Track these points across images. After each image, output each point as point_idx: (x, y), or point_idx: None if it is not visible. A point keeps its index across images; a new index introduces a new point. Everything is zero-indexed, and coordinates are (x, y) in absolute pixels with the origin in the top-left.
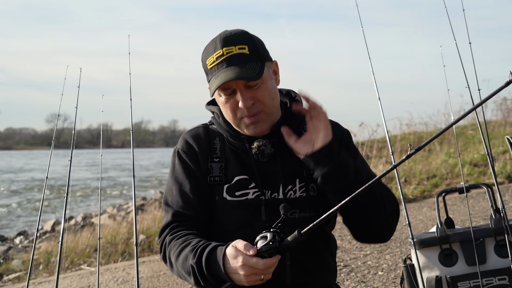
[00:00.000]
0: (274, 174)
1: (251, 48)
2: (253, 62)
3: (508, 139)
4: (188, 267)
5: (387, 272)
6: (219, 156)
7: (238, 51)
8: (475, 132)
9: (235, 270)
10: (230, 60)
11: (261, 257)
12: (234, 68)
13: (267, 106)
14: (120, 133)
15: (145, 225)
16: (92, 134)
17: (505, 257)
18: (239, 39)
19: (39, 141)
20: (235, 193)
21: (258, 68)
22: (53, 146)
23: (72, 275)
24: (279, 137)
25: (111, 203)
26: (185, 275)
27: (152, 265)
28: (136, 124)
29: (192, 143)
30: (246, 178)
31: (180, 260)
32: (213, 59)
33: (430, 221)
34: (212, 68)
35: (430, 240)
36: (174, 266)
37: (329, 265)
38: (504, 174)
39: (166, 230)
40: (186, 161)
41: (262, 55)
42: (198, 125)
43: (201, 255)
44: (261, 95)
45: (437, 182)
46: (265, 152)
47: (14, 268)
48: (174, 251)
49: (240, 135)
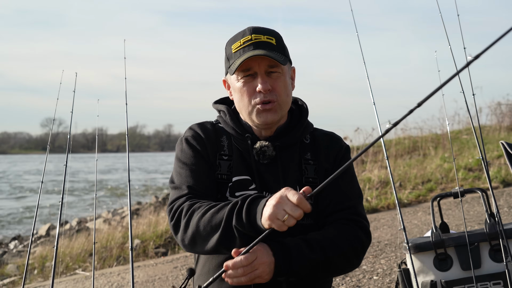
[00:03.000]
0: (274, 178)
1: (278, 42)
2: (279, 52)
3: (503, 143)
4: (221, 216)
5: (382, 276)
6: (227, 154)
7: (266, 40)
8: (469, 137)
9: (273, 202)
10: (257, 44)
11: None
12: (261, 50)
13: (281, 97)
14: (115, 138)
15: (140, 229)
16: (87, 139)
17: (499, 262)
18: (268, 32)
19: (34, 146)
20: (235, 193)
21: (283, 58)
22: (48, 150)
23: (67, 280)
24: (283, 142)
25: (107, 207)
26: (209, 231)
27: (147, 270)
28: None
29: (201, 133)
30: (247, 178)
31: (208, 214)
32: (240, 43)
33: (425, 225)
34: (236, 52)
35: (425, 244)
36: (193, 226)
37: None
38: (498, 179)
39: (181, 199)
40: (195, 146)
41: (286, 52)
42: (204, 121)
43: (244, 200)
44: (278, 85)
45: (432, 187)
46: (267, 153)
47: (9, 272)
48: (199, 211)
49: (245, 133)
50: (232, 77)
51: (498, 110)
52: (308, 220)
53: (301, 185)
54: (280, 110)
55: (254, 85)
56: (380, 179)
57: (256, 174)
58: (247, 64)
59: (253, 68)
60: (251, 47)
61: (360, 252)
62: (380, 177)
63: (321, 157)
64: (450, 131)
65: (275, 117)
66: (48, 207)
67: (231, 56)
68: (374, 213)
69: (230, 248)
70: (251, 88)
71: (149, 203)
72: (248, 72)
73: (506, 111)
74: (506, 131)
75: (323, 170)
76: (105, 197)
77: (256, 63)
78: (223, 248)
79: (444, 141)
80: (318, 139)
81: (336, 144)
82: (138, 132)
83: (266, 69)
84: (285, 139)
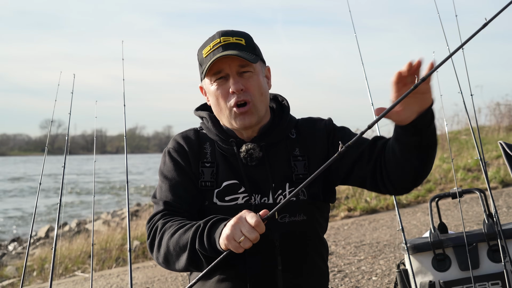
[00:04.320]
0: (264, 179)
1: (248, 42)
2: (249, 52)
3: (501, 144)
4: (187, 238)
5: (381, 277)
6: (210, 161)
7: (235, 41)
8: (468, 137)
9: (231, 223)
10: (226, 46)
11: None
12: (230, 50)
13: (255, 97)
14: (114, 139)
15: (139, 231)
16: (86, 140)
17: (498, 262)
18: (237, 33)
19: (33, 147)
20: (225, 198)
21: (254, 56)
22: (47, 152)
23: (66, 282)
24: (267, 141)
25: (106, 209)
26: (178, 252)
27: (146, 271)
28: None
29: (183, 144)
30: (235, 182)
31: (176, 235)
32: (210, 47)
33: (424, 226)
34: (207, 56)
35: (423, 245)
36: (164, 246)
37: (321, 269)
38: (497, 179)
39: (157, 216)
40: (177, 159)
41: (257, 51)
42: (188, 128)
43: (207, 222)
44: (251, 85)
45: (431, 187)
46: (254, 155)
47: (8, 274)
48: (170, 231)
49: (229, 138)
50: (206, 82)
51: (497, 111)
52: (301, 216)
53: (291, 183)
54: (256, 111)
55: (227, 87)
56: None
57: (245, 177)
58: (218, 66)
59: (224, 70)
60: (220, 49)
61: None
62: None
63: (310, 149)
64: (449, 131)
65: (252, 119)
66: (47, 208)
67: (203, 61)
68: (373, 213)
69: (199, 269)
70: (224, 91)
71: (148, 204)
72: (220, 74)
73: (505, 112)
74: (505, 131)
75: (316, 163)
76: (104, 196)
77: (227, 64)
78: (193, 268)
79: (443, 142)
80: (302, 130)
81: (319, 124)
82: (137, 134)
83: (237, 70)
84: (269, 138)
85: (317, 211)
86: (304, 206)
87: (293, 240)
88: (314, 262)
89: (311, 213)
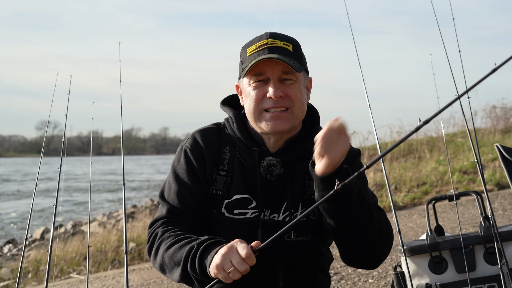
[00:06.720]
0: (280, 195)
1: (296, 49)
2: (295, 59)
3: (497, 146)
4: (181, 256)
5: (377, 279)
6: (226, 169)
7: (282, 45)
8: (464, 140)
9: (222, 251)
10: (273, 49)
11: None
12: (276, 54)
13: (295, 104)
14: (110, 141)
15: (135, 233)
16: (83, 142)
17: (494, 264)
18: (286, 38)
19: (28, 149)
20: (234, 211)
21: (299, 65)
22: (43, 153)
23: (61, 284)
24: (291, 156)
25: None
26: (172, 266)
27: (142, 273)
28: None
29: (202, 144)
30: (247, 197)
31: (171, 250)
32: (255, 46)
33: (420, 228)
34: (251, 55)
35: (420, 247)
36: (160, 257)
37: (322, 282)
38: (493, 182)
39: (159, 222)
40: (192, 161)
41: (304, 61)
42: (211, 124)
43: (201, 244)
44: (292, 92)
45: (427, 190)
46: (274, 172)
47: (3, 276)
48: (166, 242)
49: (252, 146)
50: (244, 81)
51: (493, 113)
52: (308, 236)
53: (303, 203)
54: (292, 118)
55: (265, 91)
56: (375, 182)
57: (260, 190)
58: (260, 68)
59: (266, 73)
60: (266, 51)
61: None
62: (375, 180)
63: None
64: (445, 134)
65: (286, 125)
66: (42, 209)
67: (245, 59)
68: None
69: (192, 285)
70: (261, 93)
71: (144, 206)
72: (261, 77)
73: (500, 114)
74: (501, 134)
75: None
76: (100, 198)
77: (270, 68)
78: (186, 284)
79: (439, 144)
80: None
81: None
82: (133, 135)
83: (279, 75)
84: (293, 153)
85: (325, 230)
86: (313, 226)
87: (296, 258)
88: (316, 276)
89: (319, 233)
